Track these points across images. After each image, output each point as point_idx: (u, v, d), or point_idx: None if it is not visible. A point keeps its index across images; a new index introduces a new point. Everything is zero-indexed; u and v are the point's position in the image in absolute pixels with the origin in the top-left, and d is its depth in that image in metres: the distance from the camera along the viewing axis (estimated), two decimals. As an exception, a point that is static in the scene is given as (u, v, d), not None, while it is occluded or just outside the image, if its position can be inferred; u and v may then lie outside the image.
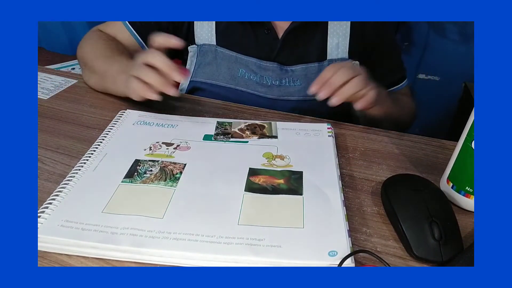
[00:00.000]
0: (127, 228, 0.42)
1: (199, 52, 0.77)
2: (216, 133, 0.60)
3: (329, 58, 0.76)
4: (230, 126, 0.62)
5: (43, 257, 0.40)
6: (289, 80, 0.76)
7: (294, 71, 0.75)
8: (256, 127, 0.61)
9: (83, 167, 0.51)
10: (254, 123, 0.63)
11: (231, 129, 0.61)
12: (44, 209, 0.43)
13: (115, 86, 0.66)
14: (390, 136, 0.64)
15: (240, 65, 0.76)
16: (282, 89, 0.76)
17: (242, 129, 0.61)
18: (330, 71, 0.59)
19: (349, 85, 0.58)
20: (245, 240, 0.41)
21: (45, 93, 0.73)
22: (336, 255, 0.39)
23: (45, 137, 0.59)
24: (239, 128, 0.61)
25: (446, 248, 0.41)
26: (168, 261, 0.40)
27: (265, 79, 0.75)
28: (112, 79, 0.66)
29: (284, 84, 0.76)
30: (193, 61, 0.78)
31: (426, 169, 0.56)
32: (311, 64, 0.75)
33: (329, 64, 0.75)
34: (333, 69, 0.59)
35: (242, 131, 0.60)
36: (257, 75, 0.75)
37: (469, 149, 0.45)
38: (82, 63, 0.75)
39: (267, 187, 0.49)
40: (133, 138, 0.58)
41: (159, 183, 0.49)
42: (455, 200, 0.49)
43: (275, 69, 0.75)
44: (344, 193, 0.49)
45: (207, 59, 0.77)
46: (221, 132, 0.60)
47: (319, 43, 0.75)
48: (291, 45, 0.75)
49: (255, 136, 0.59)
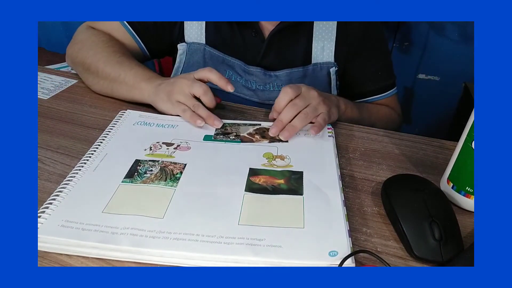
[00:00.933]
0: (128, 228, 0.42)
1: (188, 51, 0.77)
2: (216, 133, 0.60)
3: (314, 62, 0.75)
4: (230, 126, 0.62)
5: (43, 257, 0.40)
6: (273, 85, 0.76)
7: (278, 76, 0.75)
8: (265, 131, 0.61)
9: (83, 167, 0.51)
10: (263, 127, 0.62)
11: (231, 129, 0.61)
12: (44, 209, 0.43)
13: (132, 94, 0.67)
14: (390, 136, 0.64)
15: (227, 66, 0.76)
16: (266, 94, 0.76)
17: (251, 134, 0.61)
18: (279, 103, 0.60)
19: (297, 120, 0.59)
20: (245, 240, 0.41)
21: (45, 93, 0.73)
22: (336, 255, 0.39)
23: (45, 137, 0.59)
24: (248, 132, 0.61)
25: (446, 248, 0.41)
26: (168, 261, 0.40)
27: (249, 82, 0.76)
28: (127, 86, 0.66)
29: (268, 88, 0.76)
30: (182, 59, 0.78)
31: (426, 169, 0.56)
32: (295, 68, 0.75)
33: (313, 68, 0.75)
34: (283, 102, 0.60)
35: (251, 135, 0.60)
36: (242, 78, 0.76)
37: (469, 149, 0.45)
38: (82, 67, 0.72)
39: (268, 187, 0.49)
40: (133, 138, 0.58)
41: (159, 183, 0.49)
42: (455, 200, 0.49)
43: (259, 74, 0.75)
44: (344, 193, 0.49)
45: (196, 58, 0.77)
46: (221, 133, 0.60)
47: (304, 46, 0.75)
48: (276, 48, 0.75)
49: (265, 140, 0.59)
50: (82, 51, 0.72)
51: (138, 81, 0.66)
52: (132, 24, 0.75)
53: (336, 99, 0.67)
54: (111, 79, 0.68)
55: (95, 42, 0.72)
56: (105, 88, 0.70)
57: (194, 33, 0.76)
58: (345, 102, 0.70)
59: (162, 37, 0.77)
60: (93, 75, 0.70)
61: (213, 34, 0.75)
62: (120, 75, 0.67)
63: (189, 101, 0.61)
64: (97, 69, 0.69)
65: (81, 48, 0.73)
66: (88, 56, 0.71)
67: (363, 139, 0.63)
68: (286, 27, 0.72)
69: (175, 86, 0.62)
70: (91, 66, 0.70)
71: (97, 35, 0.74)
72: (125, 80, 0.66)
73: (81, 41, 0.74)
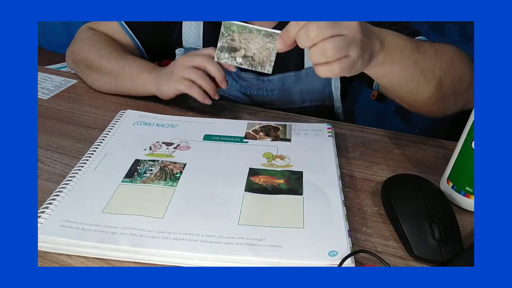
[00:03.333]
0: (127, 228, 0.42)
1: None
2: (220, 48, 0.50)
3: (307, 67, 0.74)
4: (239, 34, 0.49)
5: (43, 257, 0.40)
6: (266, 89, 0.75)
7: (271, 80, 0.75)
8: (271, 128, 0.61)
9: (83, 167, 0.51)
10: (269, 124, 0.62)
11: (239, 42, 0.50)
12: (44, 209, 0.43)
13: (135, 85, 0.67)
14: (390, 136, 0.64)
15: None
16: (260, 98, 0.76)
17: (256, 131, 0.61)
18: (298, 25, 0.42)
19: (315, 49, 0.41)
20: (245, 240, 0.41)
21: (45, 93, 0.73)
22: (336, 255, 0.39)
23: (45, 137, 0.59)
24: (253, 129, 0.61)
25: (446, 248, 0.41)
26: (168, 261, 0.40)
27: (244, 88, 0.76)
28: (131, 78, 0.67)
29: (262, 94, 0.76)
30: None
31: (426, 169, 0.56)
32: (288, 73, 0.74)
33: (306, 72, 0.74)
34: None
35: (256, 132, 0.60)
36: (237, 83, 0.76)
37: (469, 149, 0.45)
38: (84, 65, 0.73)
39: (267, 187, 0.49)
40: (133, 138, 0.58)
41: (159, 183, 0.49)
42: (455, 200, 0.49)
43: (252, 80, 0.75)
44: (344, 193, 0.49)
45: None
46: (227, 47, 0.49)
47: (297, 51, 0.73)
48: None
49: (269, 138, 0.59)
50: (83, 48, 0.73)
51: (141, 70, 0.66)
52: (130, 25, 0.75)
53: (379, 40, 0.45)
54: (115, 73, 0.68)
55: (97, 40, 0.73)
56: (109, 84, 0.70)
57: (191, 38, 0.76)
58: (391, 43, 0.46)
59: (160, 39, 0.77)
60: (97, 71, 0.71)
61: (210, 40, 0.75)
62: (124, 67, 0.67)
63: (192, 73, 0.60)
64: (100, 65, 0.70)
65: (82, 46, 0.73)
66: (90, 53, 0.71)
67: (363, 139, 0.63)
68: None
69: (176, 64, 0.62)
70: (94, 63, 0.70)
71: (98, 35, 0.75)
72: (129, 71, 0.67)
73: (82, 40, 0.75)
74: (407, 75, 0.49)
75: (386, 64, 0.46)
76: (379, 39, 0.44)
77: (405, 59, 0.47)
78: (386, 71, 0.48)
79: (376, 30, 0.45)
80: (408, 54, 0.47)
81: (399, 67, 0.47)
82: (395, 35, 0.46)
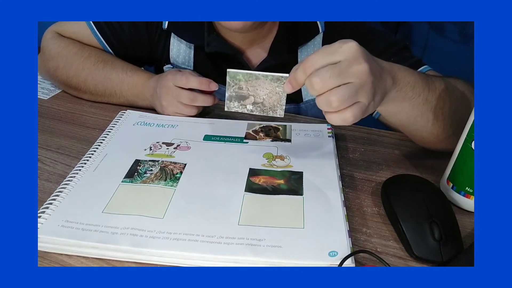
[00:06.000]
0: (127, 228, 0.42)
1: None
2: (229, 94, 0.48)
3: (306, 100, 0.73)
4: (246, 82, 0.48)
5: (43, 257, 0.40)
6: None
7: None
8: (271, 129, 0.61)
9: (83, 167, 0.51)
10: (269, 124, 0.62)
11: (248, 90, 0.49)
12: (44, 209, 0.43)
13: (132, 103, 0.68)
14: (390, 137, 0.64)
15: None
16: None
17: (256, 131, 0.61)
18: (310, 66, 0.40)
19: (321, 99, 0.40)
20: (245, 240, 0.41)
21: (45, 93, 0.73)
22: (336, 255, 0.39)
23: (45, 137, 0.59)
24: (253, 130, 0.61)
25: (446, 248, 0.41)
26: (168, 261, 0.40)
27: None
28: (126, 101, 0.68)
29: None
30: None
31: (426, 169, 0.56)
32: (287, 105, 0.69)
33: (306, 106, 0.72)
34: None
35: (256, 132, 0.60)
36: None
37: (469, 149, 0.45)
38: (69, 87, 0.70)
39: (267, 187, 0.49)
40: (133, 138, 0.58)
41: (159, 183, 0.49)
42: (455, 200, 0.49)
43: None
44: (344, 194, 0.49)
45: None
46: (235, 95, 0.48)
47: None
48: None
49: (268, 138, 0.59)
50: (60, 70, 0.69)
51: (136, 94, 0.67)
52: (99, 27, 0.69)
53: (390, 76, 0.43)
54: (108, 95, 0.68)
55: (69, 58, 0.68)
56: (103, 101, 0.70)
57: (181, 58, 0.73)
58: (403, 81, 0.44)
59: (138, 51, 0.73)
60: (87, 93, 0.69)
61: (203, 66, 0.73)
62: (116, 92, 0.67)
63: (181, 106, 0.63)
64: (88, 89, 0.68)
65: (57, 67, 0.69)
66: (70, 76, 0.68)
67: (363, 139, 0.63)
68: (272, 65, 0.68)
69: (163, 102, 0.63)
70: (80, 87, 0.69)
71: (67, 47, 0.69)
72: (122, 94, 0.68)
73: (52, 57, 0.69)
74: (417, 112, 0.48)
75: (396, 101, 0.45)
76: (390, 75, 0.43)
77: (416, 96, 0.46)
78: (397, 109, 0.47)
79: (388, 66, 0.43)
80: (420, 91, 0.46)
81: (409, 104, 0.46)
82: (406, 70, 0.45)
